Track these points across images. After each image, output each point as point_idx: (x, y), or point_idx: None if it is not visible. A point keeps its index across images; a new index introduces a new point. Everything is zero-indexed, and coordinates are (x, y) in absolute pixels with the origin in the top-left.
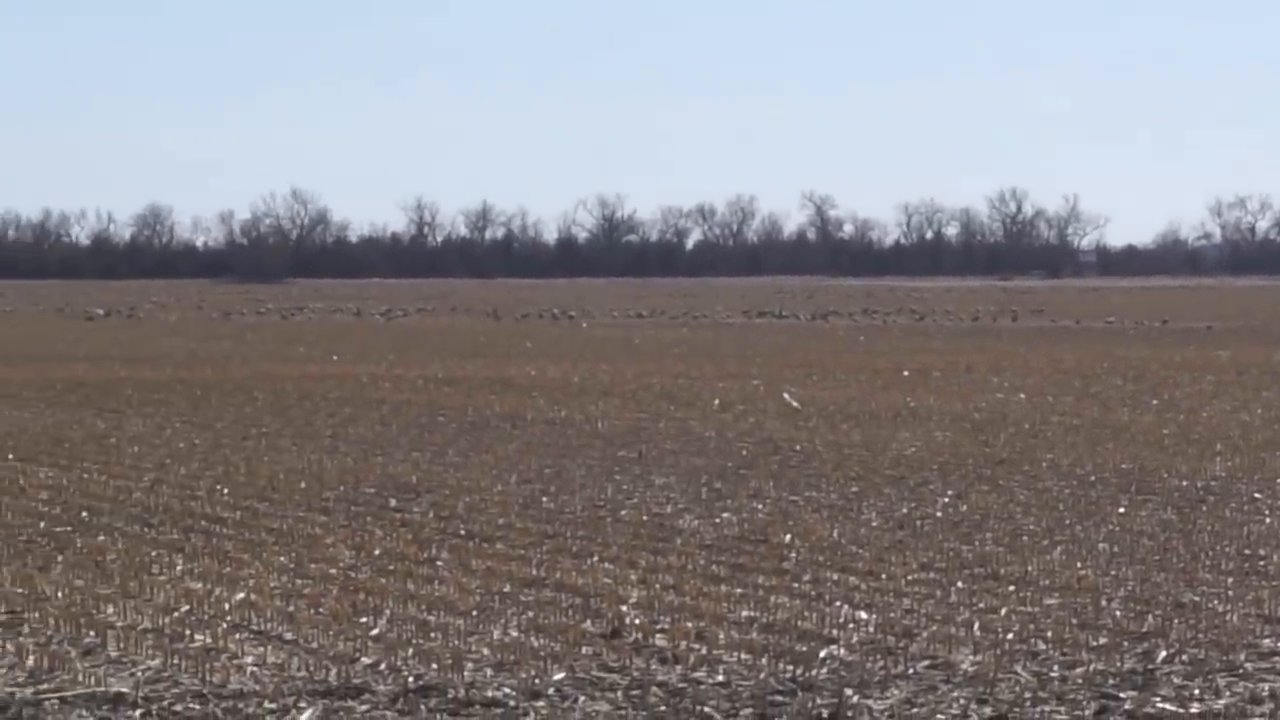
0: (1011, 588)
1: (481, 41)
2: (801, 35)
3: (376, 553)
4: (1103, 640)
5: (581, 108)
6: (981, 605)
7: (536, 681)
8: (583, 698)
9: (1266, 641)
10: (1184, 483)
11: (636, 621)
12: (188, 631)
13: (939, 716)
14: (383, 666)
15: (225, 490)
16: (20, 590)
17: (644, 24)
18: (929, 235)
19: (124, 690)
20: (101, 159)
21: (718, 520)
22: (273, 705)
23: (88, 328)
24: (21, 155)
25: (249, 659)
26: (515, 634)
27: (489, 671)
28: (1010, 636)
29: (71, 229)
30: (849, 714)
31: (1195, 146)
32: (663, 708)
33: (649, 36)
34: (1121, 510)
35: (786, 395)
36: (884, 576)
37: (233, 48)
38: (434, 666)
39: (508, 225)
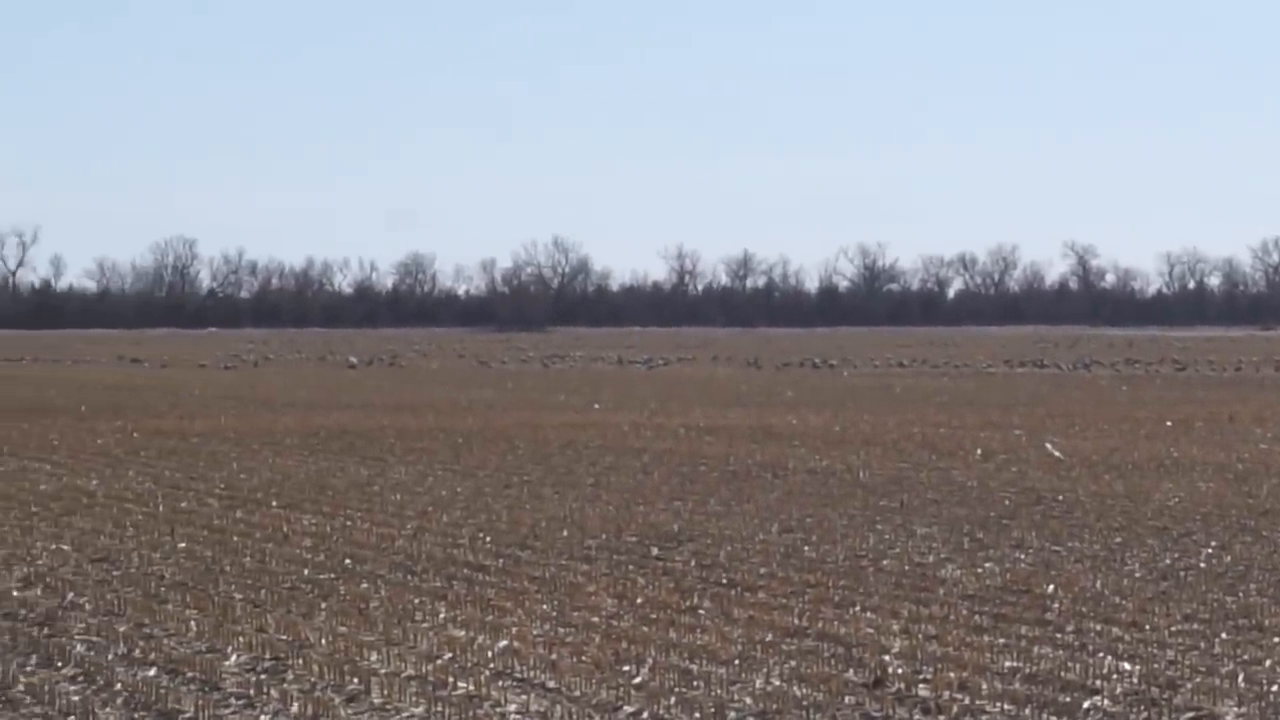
0: (1276, 639)
1: (737, 89)
2: (1061, 82)
3: (638, 601)
4: None
5: (841, 155)
6: (1246, 657)
7: None
8: None
9: None
10: None
11: (899, 671)
12: (450, 679)
13: None
14: (645, 716)
15: (487, 538)
16: (285, 637)
17: (900, 71)
18: (1191, 285)
19: None
20: (364, 208)
21: (980, 570)
22: None
23: (349, 376)
24: (286, 205)
25: (512, 707)
26: (777, 683)
27: None
28: (1275, 689)
29: (334, 277)
30: None
31: None
32: None
33: (906, 84)
34: None
35: (1049, 445)
36: (1147, 627)
37: (493, 97)
38: (696, 715)
39: (769, 274)
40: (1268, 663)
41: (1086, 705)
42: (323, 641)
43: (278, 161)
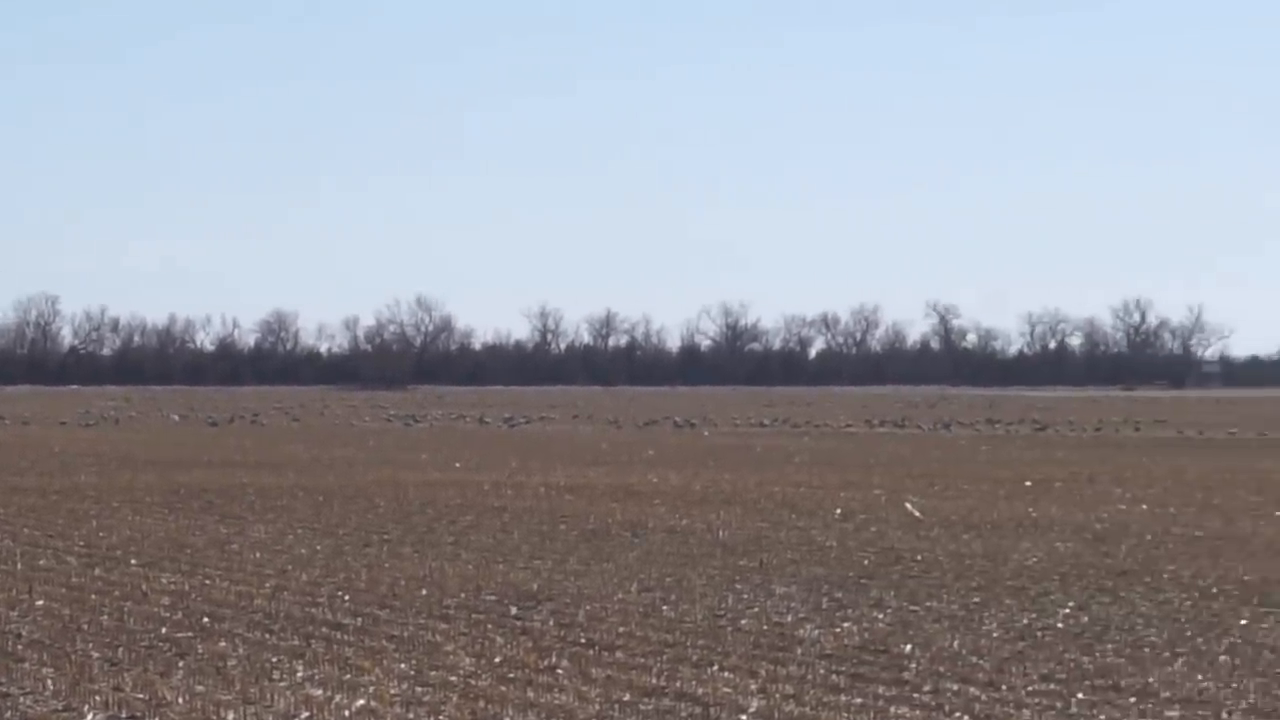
0: (1133, 699)
1: (601, 148)
2: (928, 143)
3: (497, 660)
4: None
5: (704, 215)
6: (1103, 717)
7: None
8: None
9: None
10: None
11: None
12: None
13: None
14: None
15: (346, 597)
16: (142, 696)
17: (761, 129)
18: (1052, 345)
19: None
20: (229, 266)
21: (838, 630)
22: None
23: (210, 433)
24: (147, 262)
25: None
26: None
27: None
28: None
29: (196, 335)
30: None
31: None
32: None
33: (770, 142)
34: (1243, 622)
35: (909, 505)
36: (1004, 687)
37: (357, 153)
38: None
39: (631, 333)
40: None
41: None
42: (180, 700)
43: (141, 217)
